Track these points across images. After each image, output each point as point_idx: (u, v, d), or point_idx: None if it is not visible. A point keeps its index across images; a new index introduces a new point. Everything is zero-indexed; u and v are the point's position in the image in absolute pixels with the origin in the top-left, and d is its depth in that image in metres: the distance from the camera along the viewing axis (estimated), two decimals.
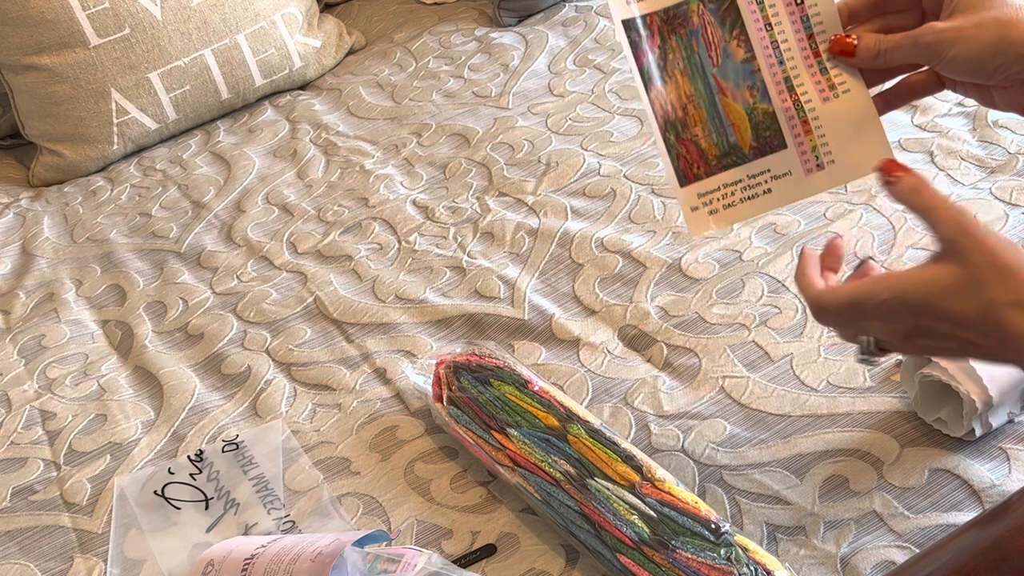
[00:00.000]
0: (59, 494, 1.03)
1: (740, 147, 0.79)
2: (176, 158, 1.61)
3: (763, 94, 0.79)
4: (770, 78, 0.79)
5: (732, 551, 0.77)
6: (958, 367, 0.84)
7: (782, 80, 0.79)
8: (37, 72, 1.60)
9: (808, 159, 0.78)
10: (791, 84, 0.79)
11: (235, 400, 1.10)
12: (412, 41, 1.78)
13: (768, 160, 0.79)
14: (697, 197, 0.78)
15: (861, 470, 0.87)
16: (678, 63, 0.80)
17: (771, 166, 0.79)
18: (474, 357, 0.97)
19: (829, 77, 0.78)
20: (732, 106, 0.79)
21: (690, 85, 0.80)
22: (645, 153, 1.34)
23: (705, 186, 0.79)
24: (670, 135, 0.79)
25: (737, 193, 0.79)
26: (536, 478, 0.87)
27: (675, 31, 0.80)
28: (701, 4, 0.80)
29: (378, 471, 0.97)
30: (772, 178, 0.79)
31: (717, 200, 0.79)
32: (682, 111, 0.79)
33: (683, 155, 0.79)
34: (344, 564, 0.80)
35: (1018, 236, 1.06)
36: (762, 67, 0.79)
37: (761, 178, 0.79)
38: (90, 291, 1.34)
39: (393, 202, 1.36)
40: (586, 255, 1.18)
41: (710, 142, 0.79)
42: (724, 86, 0.79)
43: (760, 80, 0.79)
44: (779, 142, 0.78)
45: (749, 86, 0.79)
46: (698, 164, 0.79)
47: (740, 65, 0.79)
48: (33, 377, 1.19)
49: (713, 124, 0.79)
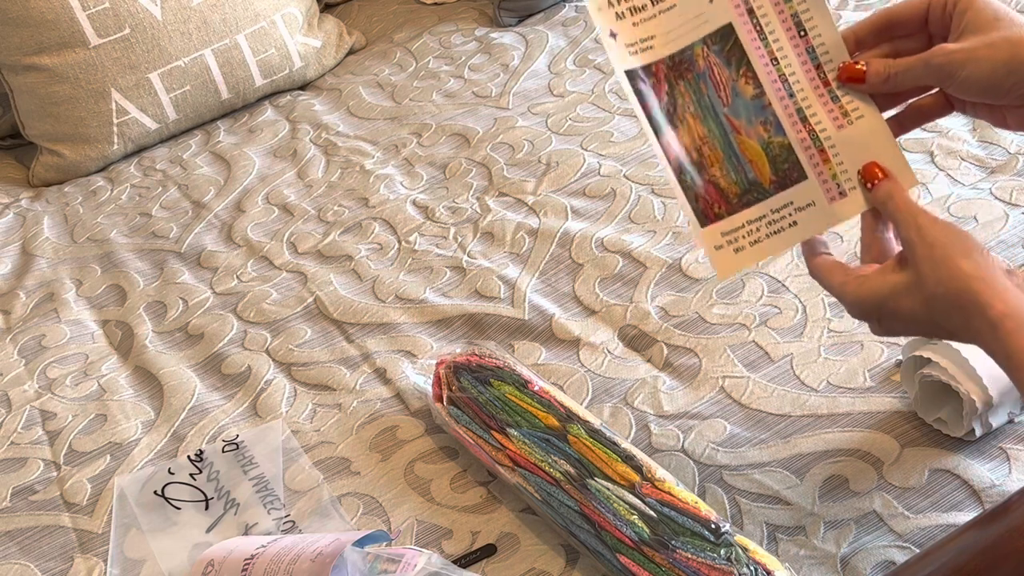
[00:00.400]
0: (59, 494, 1.03)
1: (760, 182, 0.78)
2: (176, 158, 1.61)
3: (777, 127, 0.78)
4: (782, 111, 0.78)
5: (732, 551, 0.77)
6: (958, 367, 0.84)
7: (794, 112, 0.78)
8: (37, 72, 1.60)
9: (830, 187, 0.78)
10: (804, 115, 0.78)
11: (235, 400, 1.10)
12: (412, 41, 1.78)
13: (790, 193, 0.78)
14: (721, 236, 0.78)
15: (861, 470, 0.87)
16: (688, 106, 0.79)
17: (794, 198, 0.78)
18: (474, 357, 0.97)
19: (841, 104, 0.78)
20: (747, 143, 0.79)
21: (703, 127, 0.79)
22: (645, 153, 1.34)
23: (728, 224, 0.78)
24: (686, 178, 0.79)
25: (763, 228, 0.78)
26: (536, 478, 0.87)
27: (682, 76, 0.80)
28: (705, 47, 0.79)
29: (378, 471, 0.98)
30: (796, 210, 0.78)
31: (743, 237, 0.78)
32: (697, 153, 0.79)
33: (702, 196, 0.79)
34: (344, 564, 0.80)
35: (1018, 236, 1.06)
36: (773, 101, 0.79)
37: (785, 211, 0.78)
38: (90, 291, 1.34)
39: (393, 202, 1.36)
40: (586, 255, 1.18)
41: (729, 180, 0.79)
42: (737, 124, 0.79)
43: (772, 114, 0.79)
44: (799, 174, 0.78)
45: (762, 121, 0.79)
46: (719, 203, 0.79)
47: (750, 102, 0.79)
48: (33, 377, 1.19)
49: (730, 162, 0.79)
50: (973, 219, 1.10)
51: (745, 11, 0.79)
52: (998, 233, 1.07)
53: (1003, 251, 1.05)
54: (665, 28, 0.80)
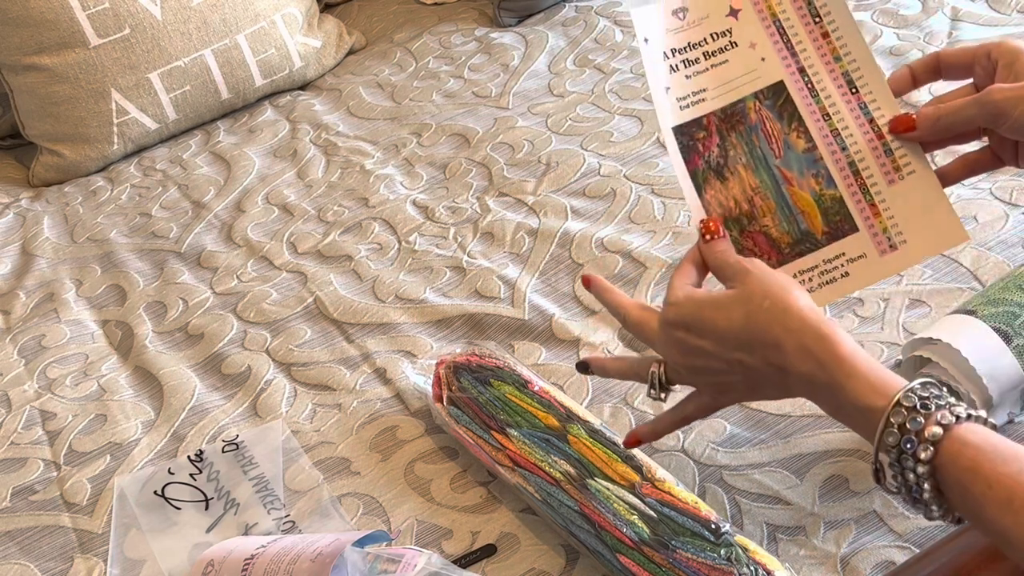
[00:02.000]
0: (59, 494, 1.03)
1: (813, 233, 0.80)
2: (176, 158, 1.61)
3: (828, 180, 0.80)
4: (833, 165, 0.80)
5: (732, 551, 0.77)
6: (958, 367, 0.84)
7: (846, 166, 0.80)
8: (37, 72, 1.60)
9: (880, 241, 0.79)
10: (856, 168, 0.80)
11: (235, 400, 1.10)
12: (412, 41, 1.78)
13: (842, 244, 0.80)
14: None
15: (861, 470, 0.87)
16: (740, 158, 0.81)
17: (846, 250, 0.80)
18: (474, 357, 0.97)
19: (894, 159, 0.79)
20: (799, 194, 0.80)
21: (755, 178, 0.81)
22: (645, 153, 1.34)
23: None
24: (732, 231, 0.81)
25: (815, 279, 0.80)
26: (536, 478, 0.87)
27: (734, 128, 0.81)
28: (757, 101, 0.81)
29: (378, 471, 0.98)
30: (848, 261, 0.80)
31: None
32: (748, 204, 0.81)
33: (749, 248, 0.80)
34: (344, 564, 0.81)
35: (1018, 236, 1.06)
36: (824, 155, 0.80)
37: (837, 262, 0.80)
38: (90, 291, 1.34)
39: (393, 202, 1.36)
40: (586, 255, 1.18)
41: (781, 231, 0.80)
42: (789, 176, 0.80)
43: (824, 167, 0.80)
44: (850, 226, 0.79)
45: (814, 174, 0.80)
46: (769, 254, 0.80)
47: (802, 155, 0.80)
48: (33, 377, 1.19)
49: (783, 213, 0.80)
50: (973, 219, 1.09)
51: (796, 70, 0.81)
52: (998, 233, 1.07)
53: (1003, 251, 1.05)
54: (717, 82, 0.82)
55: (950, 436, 0.63)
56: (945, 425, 0.63)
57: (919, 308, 1.01)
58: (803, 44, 0.81)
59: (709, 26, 0.82)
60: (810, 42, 0.81)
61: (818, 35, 0.81)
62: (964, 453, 0.62)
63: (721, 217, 0.80)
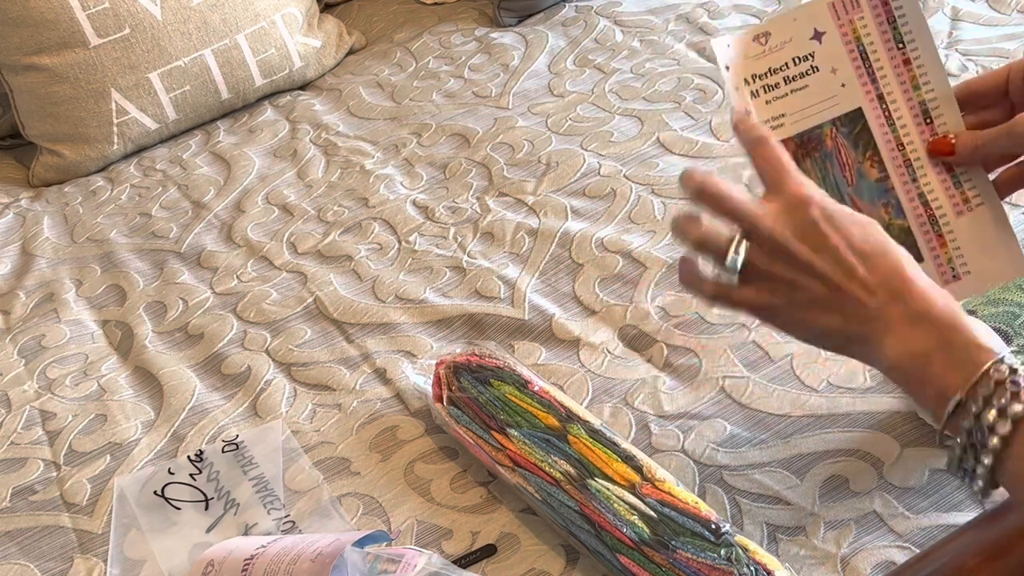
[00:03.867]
0: (59, 494, 1.03)
1: None
2: (176, 158, 1.61)
3: (898, 210, 0.81)
4: (904, 195, 0.81)
5: (732, 551, 0.77)
6: None
7: (916, 196, 0.81)
8: (37, 72, 1.60)
9: (944, 271, 0.80)
10: (925, 200, 0.81)
11: (235, 400, 1.10)
12: (412, 41, 1.78)
13: None
14: None
15: (861, 470, 0.87)
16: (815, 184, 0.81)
17: None
18: (474, 357, 0.97)
19: (963, 191, 0.80)
20: None
21: None
22: (645, 153, 1.34)
23: None
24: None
25: None
26: (536, 478, 0.87)
27: (809, 154, 0.82)
28: (834, 127, 0.82)
29: (378, 471, 0.97)
30: None
31: None
32: None
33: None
34: (344, 564, 0.80)
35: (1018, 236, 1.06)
36: (896, 185, 0.81)
37: None
38: (90, 291, 1.34)
39: (393, 202, 1.36)
40: (586, 255, 1.18)
41: None
42: (860, 205, 0.81)
43: (895, 197, 0.81)
44: (916, 256, 0.80)
45: (884, 204, 0.81)
46: None
47: (874, 184, 0.81)
48: (33, 377, 1.19)
49: None
50: None
51: (875, 96, 0.81)
52: None
53: None
54: (796, 107, 0.82)
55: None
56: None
57: None
58: (884, 71, 0.81)
59: (792, 50, 0.82)
60: (891, 69, 0.81)
61: (900, 62, 0.81)
62: None
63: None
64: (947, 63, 1.34)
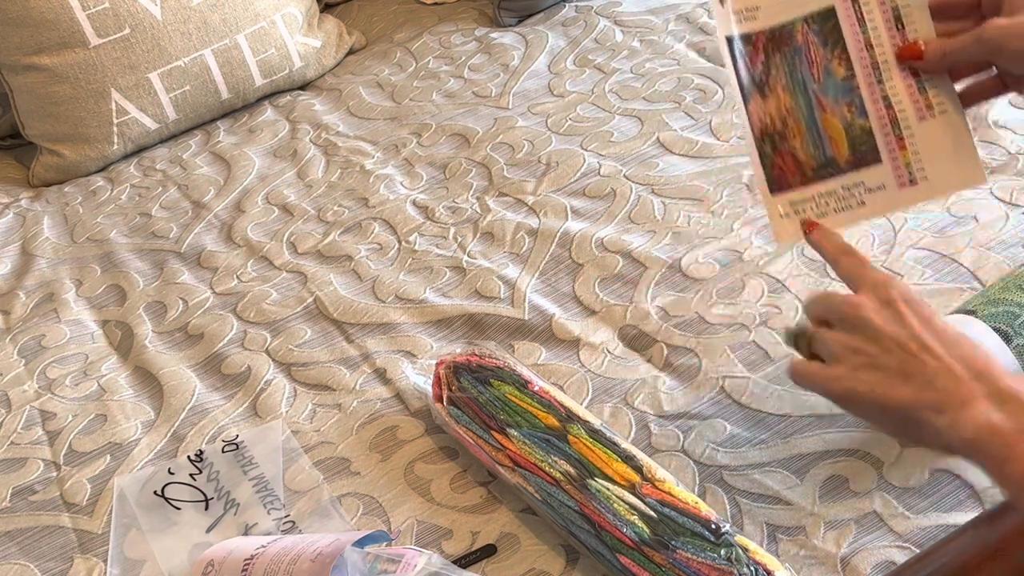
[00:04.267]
0: (59, 494, 1.03)
1: (837, 160, 0.82)
2: (176, 158, 1.61)
3: (861, 110, 0.81)
4: (868, 95, 0.81)
5: (732, 551, 0.77)
6: None
7: (880, 98, 0.81)
8: (37, 72, 1.60)
9: (901, 174, 0.81)
10: (889, 102, 0.81)
11: (235, 400, 1.10)
12: (412, 41, 1.78)
13: (863, 173, 0.81)
14: (789, 205, 0.82)
15: (861, 470, 0.87)
16: (781, 79, 0.83)
17: (865, 179, 0.81)
18: (474, 357, 0.97)
19: (928, 97, 0.81)
20: (830, 121, 0.82)
21: (791, 100, 0.83)
22: (645, 153, 1.34)
23: (799, 195, 0.82)
24: (766, 145, 0.82)
25: (831, 203, 0.82)
26: (536, 478, 0.87)
27: (779, 49, 0.83)
28: (805, 24, 0.82)
29: (378, 471, 0.97)
30: (866, 191, 0.81)
31: (810, 209, 0.82)
32: (781, 123, 0.82)
33: (778, 165, 0.82)
34: (344, 564, 0.80)
35: (1018, 236, 1.06)
36: (861, 85, 0.82)
37: (855, 190, 0.81)
38: (90, 291, 1.34)
39: (393, 202, 1.36)
40: (586, 255, 1.18)
41: (807, 154, 0.82)
42: (824, 102, 0.82)
43: (859, 97, 0.81)
44: (874, 157, 0.81)
45: (848, 102, 0.82)
46: (794, 173, 0.82)
47: (840, 82, 0.82)
48: (33, 377, 1.19)
49: (811, 137, 0.82)
50: (973, 219, 1.10)
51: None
52: (998, 233, 1.07)
53: (1003, 251, 1.05)
54: (770, 1, 0.83)
55: None
56: None
57: None
58: None
59: None
60: None
61: None
62: None
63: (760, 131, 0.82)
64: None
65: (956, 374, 0.67)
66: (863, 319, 0.72)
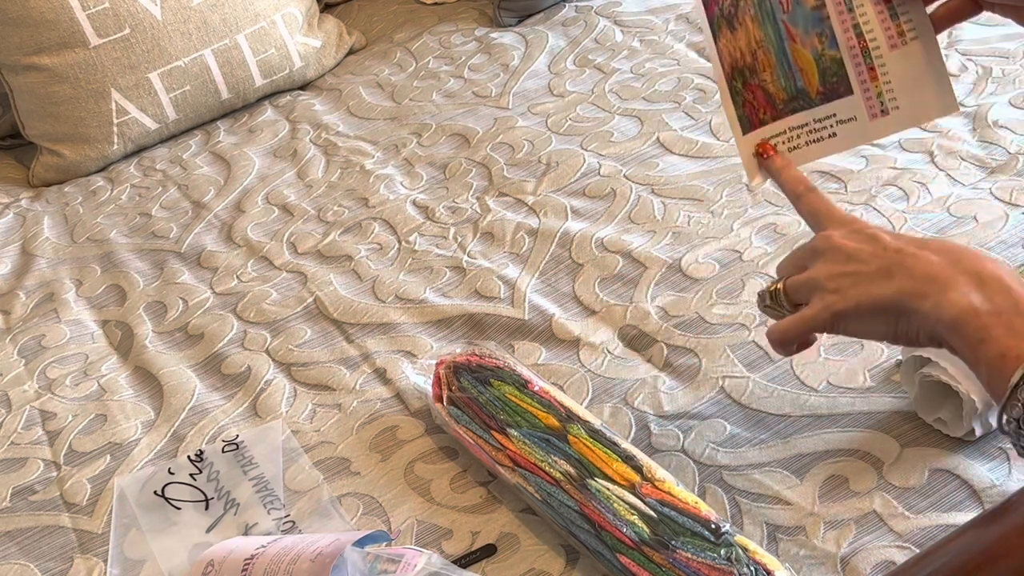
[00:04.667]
0: (59, 494, 1.03)
1: (807, 92, 0.81)
2: (176, 158, 1.61)
3: (831, 41, 0.80)
4: (838, 25, 0.80)
5: (732, 551, 0.77)
6: (958, 367, 0.84)
7: (851, 27, 0.80)
8: (37, 72, 1.60)
9: (873, 105, 0.80)
10: (860, 31, 0.80)
11: (235, 400, 1.10)
12: (412, 41, 1.78)
13: (834, 105, 0.80)
14: (761, 140, 0.81)
15: (861, 470, 0.87)
16: (749, 10, 0.82)
17: (837, 111, 0.80)
18: (474, 357, 0.97)
19: (899, 24, 0.79)
20: (801, 52, 0.81)
21: (760, 31, 0.81)
22: (645, 153, 1.34)
23: (771, 130, 0.81)
24: (737, 82, 0.82)
25: (803, 136, 0.81)
26: (536, 478, 0.87)
27: None
28: None
29: (378, 471, 0.98)
30: (838, 123, 0.80)
31: (782, 143, 0.81)
32: (751, 56, 0.82)
33: (749, 101, 0.82)
34: (344, 564, 0.81)
35: (1018, 236, 1.06)
36: (831, 14, 0.80)
37: (827, 122, 0.81)
38: (90, 291, 1.34)
39: (393, 202, 1.36)
40: (586, 255, 1.18)
41: (778, 87, 0.81)
42: (793, 32, 0.81)
43: (829, 27, 0.80)
44: (846, 88, 0.80)
45: (818, 33, 0.80)
46: (764, 108, 0.81)
47: (810, 12, 0.81)
48: (33, 377, 1.19)
49: (782, 69, 0.81)
50: (973, 219, 1.10)
51: None
52: (998, 233, 1.07)
53: (1003, 251, 1.05)
54: None
55: None
56: None
57: None
58: None
59: None
60: None
61: None
62: None
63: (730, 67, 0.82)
64: (948, 64, 1.34)
65: (935, 262, 0.69)
66: (835, 245, 0.73)
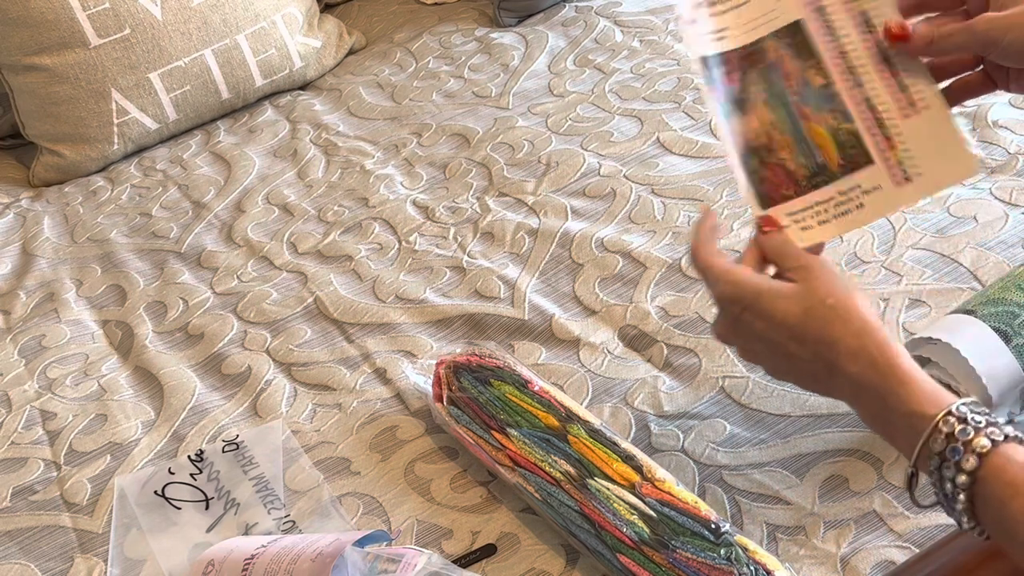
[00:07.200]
0: (59, 494, 1.03)
1: (828, 166, 0.80)
2: (176, 158, 1.61)
3: (845, 115, 0.81)
4: (850, 100, 0.81)
5: (732, 551, 0.77)
6: (958, 367, 0.84)
7: (862, 100, 0.80)
8: (37, 72, 1.60)
9: (896, 172, 0.79)
10: (872, 103, 0.80)
11: (235, 400, 1.10)
12: (412, 41, 1.78)
13: (857, 176, 0.80)
14: (787, 216, 0.80)
15: (861, 470, 0.87)
16: (760, 94, 0.82)
17: (861, 182, 0.80)
18: (474, 357, 0.97)
19: (909, 95, 0.80)
20: (816, 129, 0.81)
21: (772, 114, 0.82)
22: (645, 153, 1.34)
23: (796, 205, 0.80)
24: (752, 161, 0.82)
25: (830, 209, 0.80)
26: (536, 478, 0.87)
27: (754, 66, 0.83)
28: (776, 40, 0.82)
29: (378, 471, 0.98)
30: (863, 192, 0.80)
31: (810, 217, 0.80)
32: (766, 137, 0.82)
33: (768, 178, 0.81)
34: (344, 564, 0.81)
35: (1018, 236, 1.06)
36: (841, 90, 0.81)
37: (852, 194, 0.80)
38: (90, 291, 1.34)
39: (393, 202, 1.36)
40: (586, 255, 1.18)
41: (798, 163, 0.81)
42: (806, 111, 0.81)
43: (840, 103, 0.81)
44: (865, 158, 0.80)
45: (830, 109, 0.81)
46: (786, 185, 0.81)
47: (819, 90, 0.81)
48: (33, 377, 1.19)
49: (799, 147, 0.81)
50: (973, 219, 1.10)
51: (814, 9, 0.82)
52: (998, 233, 1.07)
53: (1003, 251, 1.05)
54: (739, 22, 0.83)
55: (996, 451, 0.63)
56: (994, 440, 0.63)
57: (919, 308, 1.01)
58: None
59: None
60: None
61: None
62: (1008, 469, 0.62)
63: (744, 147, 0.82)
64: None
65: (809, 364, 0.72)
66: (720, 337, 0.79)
